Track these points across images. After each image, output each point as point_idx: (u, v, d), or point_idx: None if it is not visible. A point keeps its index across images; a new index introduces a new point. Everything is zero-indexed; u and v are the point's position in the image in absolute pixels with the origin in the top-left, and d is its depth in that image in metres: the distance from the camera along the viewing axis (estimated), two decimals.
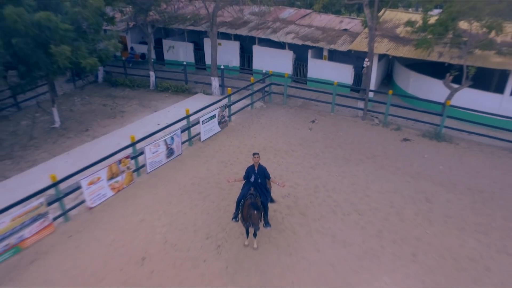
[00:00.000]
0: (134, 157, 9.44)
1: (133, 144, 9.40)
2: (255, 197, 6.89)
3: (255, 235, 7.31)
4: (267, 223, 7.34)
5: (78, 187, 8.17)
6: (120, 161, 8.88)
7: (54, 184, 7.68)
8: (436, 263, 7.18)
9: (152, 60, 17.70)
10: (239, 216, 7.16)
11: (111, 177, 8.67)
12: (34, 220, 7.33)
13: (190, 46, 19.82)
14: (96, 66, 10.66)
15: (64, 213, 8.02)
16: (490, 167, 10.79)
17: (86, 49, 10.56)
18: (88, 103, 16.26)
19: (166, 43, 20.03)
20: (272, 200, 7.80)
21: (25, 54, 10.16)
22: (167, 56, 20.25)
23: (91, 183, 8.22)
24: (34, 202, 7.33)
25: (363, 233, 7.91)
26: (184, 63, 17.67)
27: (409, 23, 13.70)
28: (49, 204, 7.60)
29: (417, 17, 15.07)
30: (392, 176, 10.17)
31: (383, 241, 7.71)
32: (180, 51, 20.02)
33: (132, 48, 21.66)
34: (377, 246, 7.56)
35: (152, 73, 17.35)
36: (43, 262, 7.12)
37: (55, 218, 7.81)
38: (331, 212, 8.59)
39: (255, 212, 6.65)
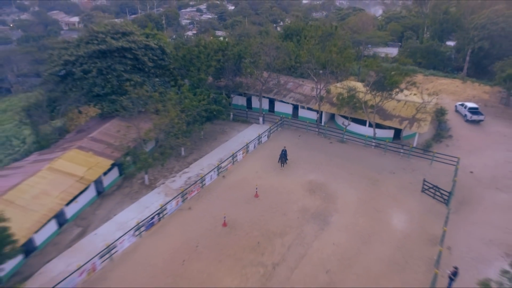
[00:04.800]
0: (247, 148, 32.26)
1: (247, 144, 32.19)
2: (283, 155, 29.77)
3: (283, 166, 30.29)
4: (286, 163, 30.31)
5: (236, 155, 30.95)
6: (243, 149, 31.73)
7: (232, 155, 30.51)
8: (327, 172, 29.98)
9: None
10: (279, 161, 30.08)
11: (243, 153, 31.47)
12: (233, 159, 30.12)
13: (244, 99, 42.62)
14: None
15: (234, 161, 30.83)
16: (356, 151, 33.58)
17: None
18: (204, 127, 38.87)
19: (233, 97, 42.60)
20: (287, 159, 30.61)
21: (208, 117, 32.93)
22: (234, 102, 42.90)
23: (240, 154, 31.04)
24: (230, 157, 30.14)
25: (310, 167, 30.75)
26: (246, 110, 40.54)
27: (337, 96, 35.99)
28: (232, 158, 30.48)
29: (342, 90, 37.35)
30: (321, 153, 32.97)
31: (315, 167, 30.54)
32: (239, 100, 42.80)
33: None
34: (313, 168, 30.41)
35: (231, 113, 39.98)
36: (234, 173, 29.95)
37: (232, 162, 30.65)
38: (302, 162, 31.39)
39: (284, 158, 29.61)
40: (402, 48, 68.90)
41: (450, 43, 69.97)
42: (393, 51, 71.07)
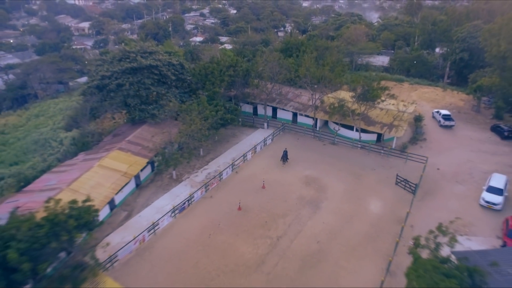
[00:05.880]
0: (255, 149, 39.20)
1: (255, 146, 39.14)
2: (284, 155, 36.76)
3: (284, 163, 37.28)
4: (287, 162, 37.27)
5: (246, 155, 37.91)
6: (252, 150, 38.66)
7: (243, 155, 37.47)
8: (320, 169, 36.93)
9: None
10: (281, 159, 37.08)
11: (251, 153, 38.40)
12: (244, 158, 37.05)
13: (251, 107, 49.55)
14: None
15: (244, 159, 37.76)
16: (345, 152, 40.54)
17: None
18: (219, 132, 45.75)
19: (242, 105, 49.47)
20: (287, 158, 37.57)
21: (222, 124, 39.88)
22: (242, 109, 49.77)
23: (250, 154, 37.98)
24: (241, 156, 37.10)
25: (306, 164, 37.71)
26: (253, 116, 47.47)
27: (330, 105, 42.85)
28: (243, 157, 37.45)
29: (334, 100, 44.20)
30: (315, 153, 39.94)
31: (311, 164, 37.49)
32: (246, 108, 49.73)
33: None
34: (309, 166, 37.38)
35: (240, 119, 46.87)
36: (245, 169, 36.91)
37: (243, 161, 37.59)
38: (300, 161, 38.35)
39: (285, 157, 36.65)
40: (393, 57, 75.58)
41: (439, 51, 76.60)
42: (384, 60, 77.86)
